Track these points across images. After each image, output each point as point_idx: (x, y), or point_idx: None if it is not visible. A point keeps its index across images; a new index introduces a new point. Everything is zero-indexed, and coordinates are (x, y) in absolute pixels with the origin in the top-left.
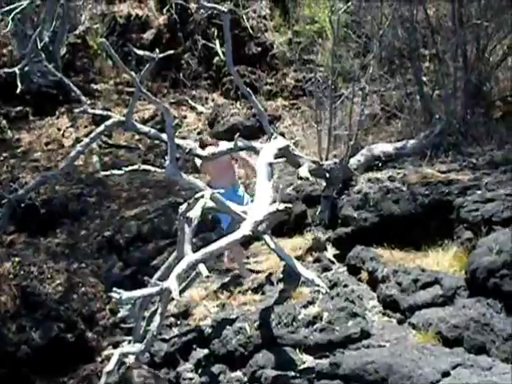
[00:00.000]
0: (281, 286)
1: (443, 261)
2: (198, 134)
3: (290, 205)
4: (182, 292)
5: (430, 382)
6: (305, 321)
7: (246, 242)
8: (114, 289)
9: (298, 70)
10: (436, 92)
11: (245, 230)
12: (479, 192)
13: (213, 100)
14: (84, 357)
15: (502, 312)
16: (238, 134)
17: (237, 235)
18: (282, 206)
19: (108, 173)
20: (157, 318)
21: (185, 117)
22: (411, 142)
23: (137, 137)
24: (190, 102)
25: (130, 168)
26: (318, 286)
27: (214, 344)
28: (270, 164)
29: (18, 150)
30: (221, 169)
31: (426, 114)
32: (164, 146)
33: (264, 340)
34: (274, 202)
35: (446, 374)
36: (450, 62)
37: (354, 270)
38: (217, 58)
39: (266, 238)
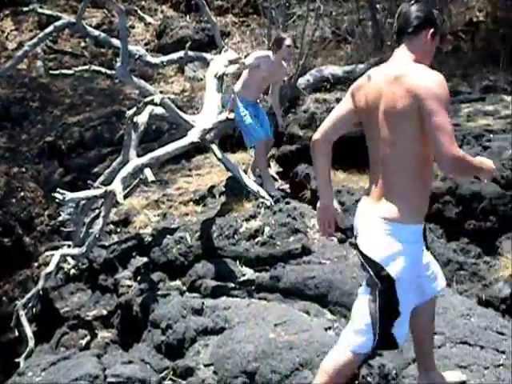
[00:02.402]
0: (223, 199)
1: None
2: (145, 45)
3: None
4: (124, 198)
5: None
6: (246, 234)
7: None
8: (58, 189)
9: None
10: (388, 20)
11: (193, 136)
12: None
13: (162, 12)
14: (20, 262)
15: (442, 237)
16: (188, 43)
17: (184, 141)
18: (231, 115)
19: (57, 72)
20: (99, 221)
21: (133, 27)
22: (360, 66)
23: (82, 44)
24: (138, 12)
25: (81, 68)
26: (263, 198)
27: (154, 252)
28: (220, 76)
29: None
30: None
31: (377, 40)
32: (109, 55)
33: (204, 251)
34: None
35: None
36: None
37: (297, 188)
38: None
39: (214, 147)
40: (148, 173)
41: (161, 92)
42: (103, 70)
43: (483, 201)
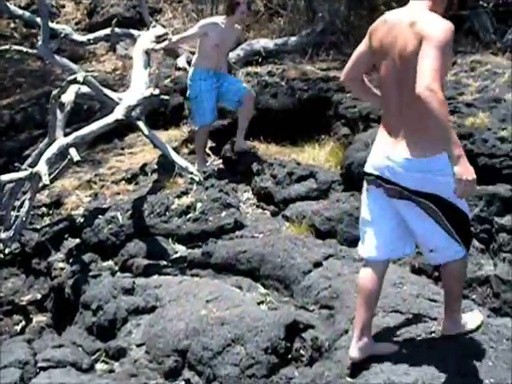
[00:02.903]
0: (155, 176)
1: (319, 156)
2: (76, 24)
3: (166, 96)
4: (53, 181)
5: (301, 272)
6: (178, 211)
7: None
8: None
9: None
10: None
11: (117, 114)
12: None
13: None
14: None
15: None
16: (115, 20)
17: (109, 119)
18: (156, 91)
19: None
20: (25, 204)
21: (63, 6)
22: (292, 39)
23: (12, 25)
24: None
25: (1, 48)
26: (192, 173)
27: (86, 233)
28: (147, 51)
29: None
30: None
31: (309, 12)
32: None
33: (136, 229)
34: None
35: (317, 265)
36: None
37: (229, 163)
38: None
39: (140, 124)
40: (73, 153)
41: (92, 71)
42: (24, 49)
43: None
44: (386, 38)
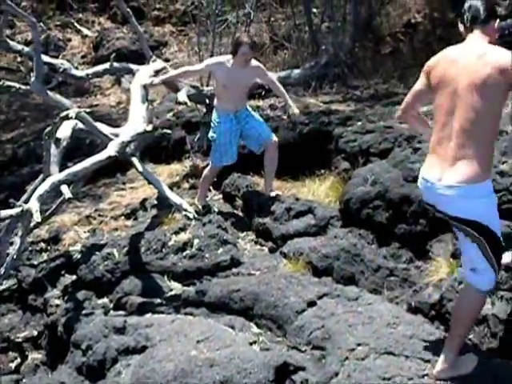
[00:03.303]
0: (154, 212)
1: (319, 191)
2: (82, 57)
3: (168, 130)
4: (50, 216)
5: (295, 311)
6: (174, 247)
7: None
8: None
9: None
10: (325, 24)
11: (110, 150)
12: (359, 123)
13: (99, 24)
14: None
15: (373, 243)
16: (113, 54)
17: (101, 156)
18: (150, 127)
19: None
20: (17, 241)
21: (69, 40)
22: (296, 71)
23: (19, 59)
24: (75, 24)
25: None
26: (186, 210)
27: (82, 270)
28: (145, 86)
29: None
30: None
31: (313, 45)
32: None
33: (132, 266)
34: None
35: (311, 304)
36: None
37: (229, 198)
38: None
39: (134, 160)
40: (65, 190)
41: (96, 105)
42: (17, 85)
43: (413, 204)
44: (448, 70)
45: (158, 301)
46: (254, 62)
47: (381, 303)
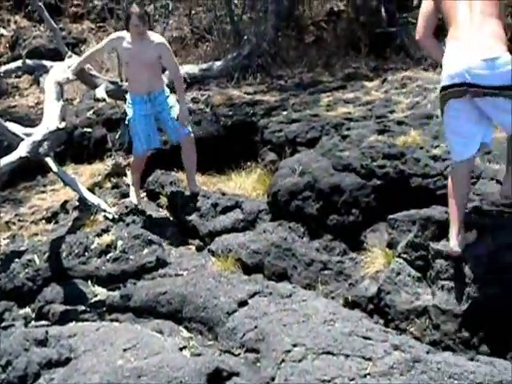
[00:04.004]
0: (76, 214)
1: (246, 184)
2: None
3: (89, 129)
4: None
5: (225, 313)
6: (97, 250)
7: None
8: None
9: None
10: (247, 15)
11: (21, 151)
12: (284, 113)
13: (15, 22)
14: None
15: (304, 236)
16: (24, 52)
17: (12, 157)
18: (62, 125)
19: None
20: None
21: None
22: (218, 63)
23: None
24: None
25: None
26: (105, 211)
27: (1, 279)
28: (59, 83)
29: None
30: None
31: (235, 36)
32: None
33: (53, 272)
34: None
35: (242, 304)
36: None
37: (153, 196)
38: None
39: (48, 160)
40: None
41: (14, 106)
42: None
43: (344, 194)
44: None
45: (82, 308)
46: (158, 38)
47: (316, 299)
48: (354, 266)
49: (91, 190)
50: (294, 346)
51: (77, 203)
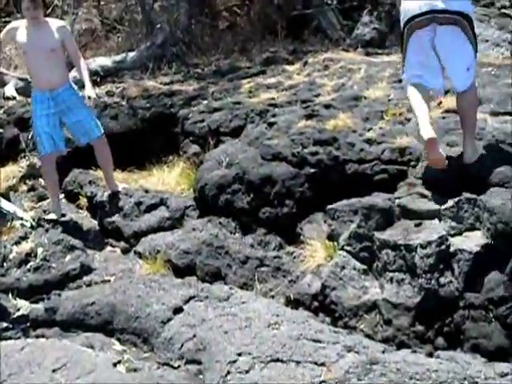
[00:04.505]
0: None
1: (169, 179)
2: None
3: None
4: None
5: (160, 322)
6: (17, 260)
7: None
8: None
9: None
10: (158, 3)
11: None
12: (205, 102)
13: None
14: None
15: (236, 232)
16: None
17: None
18: None
19: None
20: None
21: None
22: (131, 54)
23: None
24: None
25: None
26: (22, 219)
27: None
28: None
29: None
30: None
31: (147, 25)
32: None
33: None
34: None
35: (177, 310)
36: None
37: (71, 197)
38: None
39: None
40: None
41: None
42: None
43: (276, 184)
44: None
45: (4, 324)
46: (58, 22)
47: (256, 300)
48: (292, 261)
49: (6, 194)
50: (239, 355)
51: None
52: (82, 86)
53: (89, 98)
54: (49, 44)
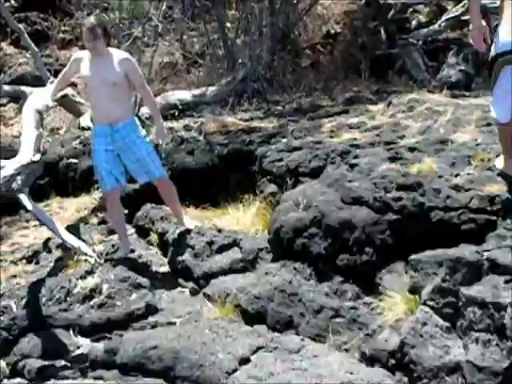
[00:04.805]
0: (59, 253)
1: (244, 219)
2: None
3: (75, 160)
4: None
5: (224, 372)
6: (80, 295)
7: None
8: None
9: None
10: (241, 39)
11: None
12: (284, 140)
13: (1, 49)
14: None
15: (311, 279)
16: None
17: None
18: (37, 157)
19: None
20: None
21: None
22: (212, 89)
23: None
24: None
25: None
26: (86, 254)
27: None
28: (39, 111)
29: None
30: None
31: (229, 60)
32: None
33: (31, 321)
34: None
35: (244, 361)
36: (255, 5)
37: (142, 232)
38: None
39: (22, 197)
40: None
41: None
42: None
43: (356, 230)
44: None
45: (62, 363)
46: (122, 54)
47: (328, 354)
48: (369, 313)
49: (76, 225)
50: None
51: (60, 240)
52: None
53: (157, 139)
54: (110, 77)
